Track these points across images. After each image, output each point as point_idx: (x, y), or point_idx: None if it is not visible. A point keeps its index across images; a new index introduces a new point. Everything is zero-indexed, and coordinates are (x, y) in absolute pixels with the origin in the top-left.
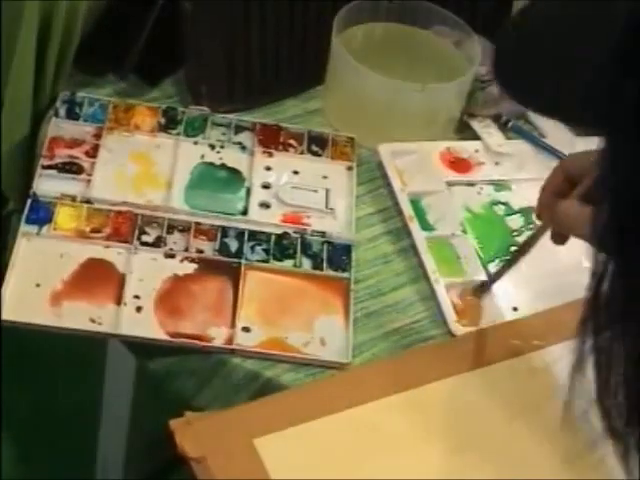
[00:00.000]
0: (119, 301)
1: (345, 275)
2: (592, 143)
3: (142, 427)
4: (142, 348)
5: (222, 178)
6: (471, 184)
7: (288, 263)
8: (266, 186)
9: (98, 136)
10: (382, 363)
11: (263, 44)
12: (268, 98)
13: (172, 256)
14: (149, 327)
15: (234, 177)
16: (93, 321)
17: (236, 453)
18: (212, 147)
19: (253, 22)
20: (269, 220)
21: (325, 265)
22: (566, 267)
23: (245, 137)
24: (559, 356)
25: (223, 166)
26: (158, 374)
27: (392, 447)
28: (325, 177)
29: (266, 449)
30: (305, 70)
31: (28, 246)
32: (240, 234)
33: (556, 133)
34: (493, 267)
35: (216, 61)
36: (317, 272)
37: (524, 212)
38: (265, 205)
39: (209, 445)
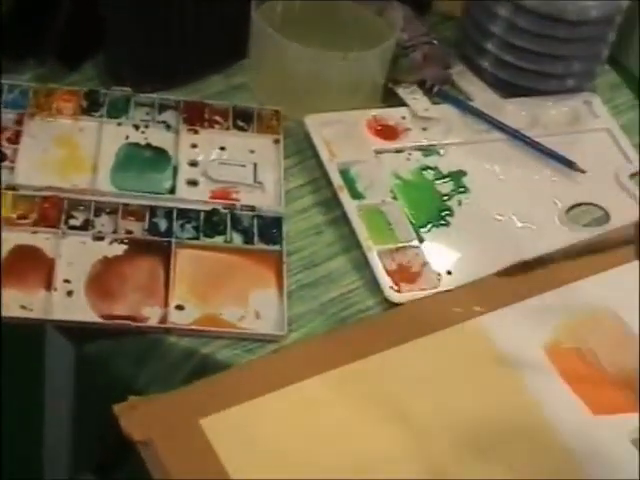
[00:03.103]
0: (49, 286)
1: (277, 248)
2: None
3: (88, 414)
4: (77, 333)
5: (148, 158)
6: (399, 151)
7: (219, 239)
8: (193, 164)
9: (20, 122)
10: (323, 337)
11: (183, 22)
12: (191, 75)
13: (101, 238)
14: (81, 311)
15: (160, 156)
16: (24, 308)
17: (182, 434)
18: (136, 127)
19: (172, 0)
20: (198, 197)
21: (256, 239)
22: (499, 229)
23: (169, 116)
24: (501, 322)
25: (148, 146)
26: (95, 358)
27: (339, 421)
28: (252, 151)
29: (212, 428)
30: (227, 46)
31: None
32: (169, 213)
33: (482, 96)
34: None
35: (136, 41)
36: (248, 246)
37: (453, 176)
38: (193, 183)
39: (155, 428)
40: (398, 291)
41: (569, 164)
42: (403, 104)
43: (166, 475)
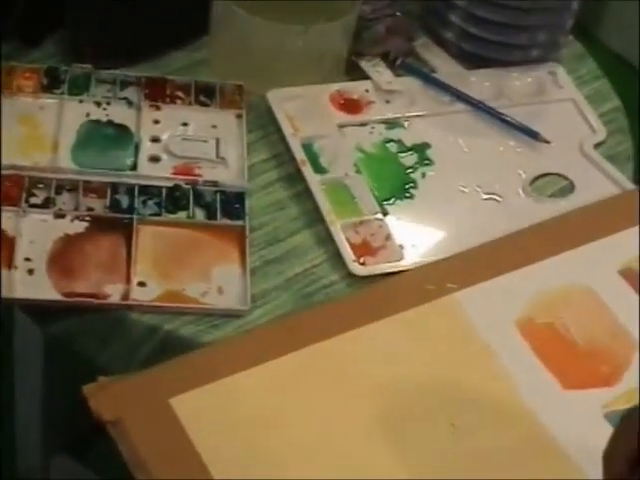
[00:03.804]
0: (10, 265)
1: (240, 223)
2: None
3: (59, 395)
4: (41, 313)
5: (110, 135)
6: (363, 124)
7: (181, 215)
8: (155, 140)
9: None
10: (294, 316)
11: None
12: (153, 52)
13: (62, 216)
14: (43, 289)
15: (122, 133)
16: None
17: (152, 414)
18: (98, 104)
19: None
20: (160, 174)
21: (219, 215)
22: (463, 201)
23: (131, 92)
24: (474, 298)
25: (110, 123)
26: (60, 338)
27: (310, 399)
28: (215, 127)
29: (182, 408)
30: (190, 21)
31: None
32: (131, 189)
33: (446, 68)
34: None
35: (97, 17)
36: (211, 222)
37: (417, 149)
38: (155, 159)
39: (124, 407)
40: (362, 264)
41: (533, 135)
42: (366, 77)
43: (136, 455)
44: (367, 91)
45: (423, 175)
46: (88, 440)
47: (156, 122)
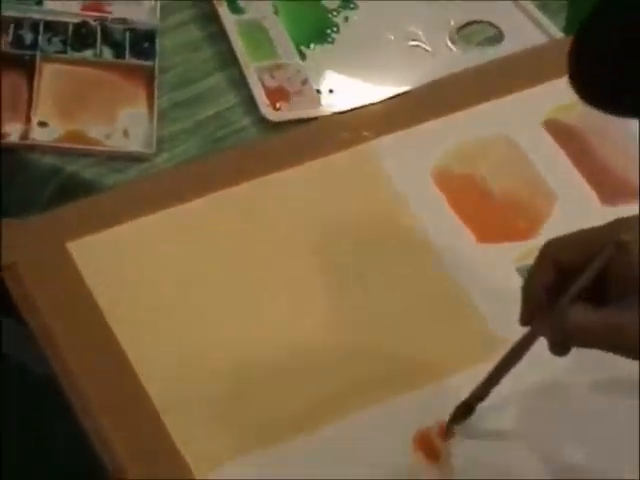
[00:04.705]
0: None
1: (149, 63)
2: None
3: None
4: None
5: None
6: None
7: (88, 53)
8: None
9: None
10: (202, 160)
11: None
12: None
13: None
14: None
15: None
16: None
17: (48, 257)
18: None
19: None
20: (67, 9)
21: (127, 54)
22: (388, 48)
23: None
24: (390, 147)
25: None
26: None
27: (215, 246)
28: None
29: (79, 252)
30: None
31: None
32: (35, 25)
33: None
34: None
35: None
36: (119, 61)
37: None
38: None
39: (20, 251)
40: (277, 110)
41: None
42: None
43: (30, 300)
44: None
45: (346, 19)
46: None
47: None
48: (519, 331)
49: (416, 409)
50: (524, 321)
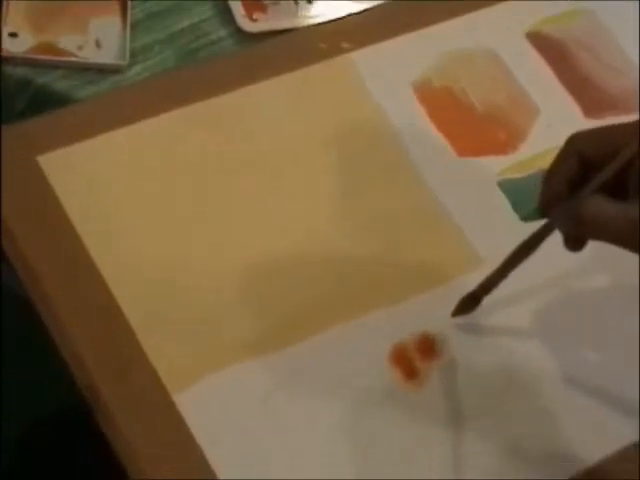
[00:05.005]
0: None
1: None
2: None
3: None
4: None
5: None
6: None
7: None
8: None
9: None
10: (175, 72)
11: None
12: None
13: None
14: None
15: None
16: None
17: (18, 172)
18: None
19: None
20: None
21: None
22: None
23: None
24: (370, 58)
25: None
26: None
27: (188, 161)
28: None
29: (51, 166)
30: None
31: None
32: None
33: None
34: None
35: None
36: None
37: None
38: None
39: None
40: (253, 21)
41: None
42: None
43: None
44: None
45: None
46: None
47: None
48: (499, 246)
49: (391, 324)
50: (543, 213)
